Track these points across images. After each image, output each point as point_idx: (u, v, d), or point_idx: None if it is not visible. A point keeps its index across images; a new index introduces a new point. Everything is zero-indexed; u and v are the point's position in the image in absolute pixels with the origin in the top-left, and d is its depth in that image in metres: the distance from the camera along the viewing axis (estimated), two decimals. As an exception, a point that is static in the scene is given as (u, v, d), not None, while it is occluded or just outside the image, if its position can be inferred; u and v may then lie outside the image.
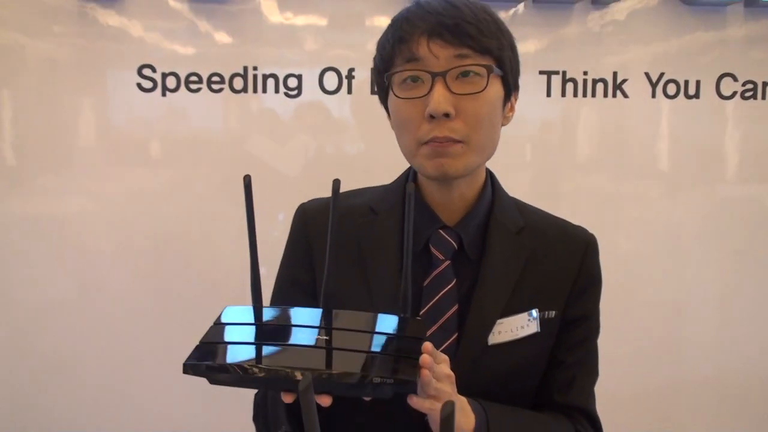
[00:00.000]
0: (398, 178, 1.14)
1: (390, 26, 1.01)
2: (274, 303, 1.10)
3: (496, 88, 0.99)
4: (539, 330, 1.05)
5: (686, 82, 2.32)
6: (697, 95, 2.33)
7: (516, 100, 1.07)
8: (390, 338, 0.85)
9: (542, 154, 2.33)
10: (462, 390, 0.94)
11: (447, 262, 1.05)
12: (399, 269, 1.03)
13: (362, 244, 1.07)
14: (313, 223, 1.09)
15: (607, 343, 2.26)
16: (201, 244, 2.26)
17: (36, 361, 2.25)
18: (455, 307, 1.03)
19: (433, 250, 1.05)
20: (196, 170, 2.23)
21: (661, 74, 2.31)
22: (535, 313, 1.05)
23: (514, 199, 1.14)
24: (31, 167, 2.20)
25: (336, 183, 0.84)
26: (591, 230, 1.15)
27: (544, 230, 1.11)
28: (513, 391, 1.05)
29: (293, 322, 0.86)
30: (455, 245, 1.05)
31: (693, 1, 2.26)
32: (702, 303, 2.45)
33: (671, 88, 2.32)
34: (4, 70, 2.17)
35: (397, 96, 0.99)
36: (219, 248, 2.25)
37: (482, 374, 1.02)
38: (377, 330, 0.86)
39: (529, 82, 2.27)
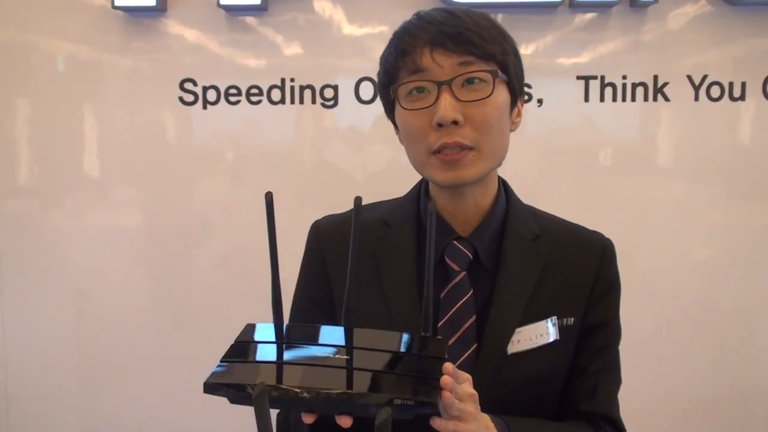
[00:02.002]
0: (411, 190, 1.14)
1: (392, 40, 1.02)
2: (291, 320, 1.11)
3: (502, 94, 1.00)
4: (558, 338, 1.04)
5: (731, 84, 2.25)
6: (742, 97, 2.26)
7: (522, 105, 1.07)
8: (411, 358, 0.85)
9: (581, 159, 2.29)
10: (482, 400, 0.93)
11: (463, 273, 1.04)
12: (415, 281, 1.04)
13: (377, 257, 1.07)
14: (327, 240, 1.11)
15: (684, 349, 2.32)
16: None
17: (112, 363, 2.35)
18: (473, 318, 1.03)
19: (448, 261, 1.05)
20: (271, 181, 2.27)
21: (704, 77, 2.25)
22: (553, 320, 1.04)
23: (529, 206, 1.14)
24: (112, 179, 2.30)
25: (357, 200, 0.84)
26: (629, 235, 1.13)
27: (560, 237, 1.10)
28: (533, 399, 1.04)
29: (314, 340, 0.86)
30: (471, 256, 1.05)
31: (736, 1, 2.20)
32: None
33: (715, 91, 2.26)
34: (86, 85, 2.27)
35: (404, 108, 1.00)
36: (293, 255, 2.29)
37: (502, 384, 1.02)
38: (398, 350, 0.86)
39: (566, 87, 2.25)
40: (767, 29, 2.24)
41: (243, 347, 0.85)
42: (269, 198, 0.82)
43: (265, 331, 0.88)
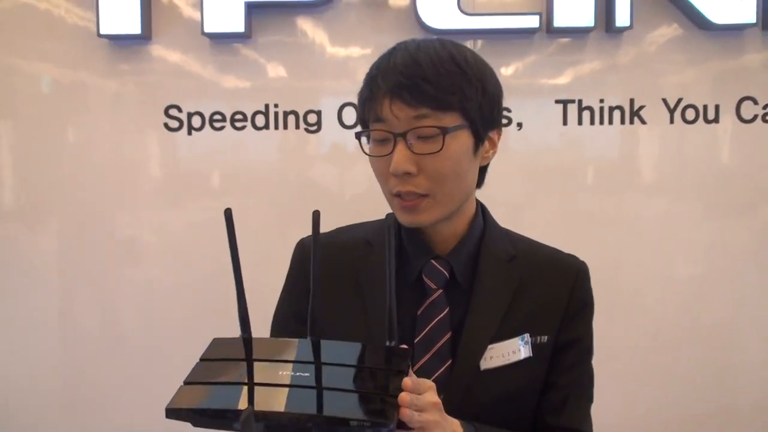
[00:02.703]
0: (393, 212, 1.16)
1: (368, 74, 1.05)
2: (273, 333, 1.14)
3: (458, 141, 1.01)
4: (531, 355, 1.07)
5: (705, 107, 2.31)
6: (716, 120, 2.32)
7: (498, 136, 1.08)
8: (374, 373, 0.86)
9: (561, 181, 2.34)
10: (457, 415, 0.95)
11: (440, 291, 1.08)
12: (394, 301, 1.06)
13: (359, 276, 1.10)
14: (310, 258, 1.13)
15: (667, 365, 2.35)
16: (259, 273, 2.30)
17: (96, 382, 2.35)
18: (448, 335, 1.06)
19: (426, 279, 1.08)
20: (257, 205, 2.30)
21: (679, 100, 2.31)
22: (525, 338, 1.07)
23: (505, 229, 1.17)
24: (96, 203, 2.32)
25: (316, 214, 0.88)
26: (608, 255, 1.16)
27: (535, 259, 1.13)
28: (507, 416, 1.06)
29: (278, 356, 0.87)
30: (447, 274, 1.08)
31: (709, 26, 2.26)
32: (755, 326, 2.41)
33: (690, 113, 2.31)
34: (76, 111, 2.30)
35: (368, 153, 1.05)
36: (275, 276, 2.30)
37: (476, 400, 1.04)
38: (361, 364, 0.87)
39: (545, 111, 2.30)
40: (739, 52, 2.31)
41: (206, 367, 0.86)
42: (228, 214, 0.86)
43: (231, 347, 0.89)
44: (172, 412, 0.79)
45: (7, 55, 2.28)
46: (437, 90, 0.98)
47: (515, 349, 1.06)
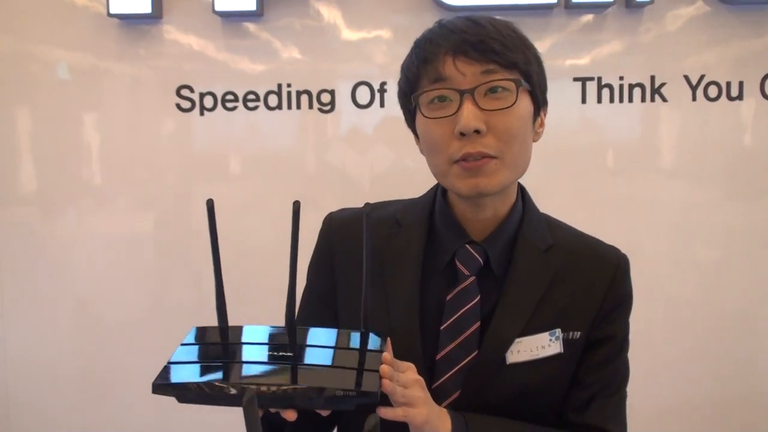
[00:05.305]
0: (427, 192, 1.12)
1: (413, 48, 1.01)
2: (299, 312, 1.11)
3: (525, 103, 0.98)
4: (562, 351, 1.03)
5: (728, 84, 2.25)
6: (740, 97, 2.26)
7: (545, 115, 1.05)
8: (351, 352, 0.88)
9: (579, 161, 2.29)
10: (478, 407, 0.93)
11: (472, 278, 1.03)
12: (417, 286, 1.03)
13: (384, 255, 1.06)
14: (337, 235, 1.10)
15: (686, 351, 2.32)
16: (278, 260, 2.28)
17: (113, 371, 2.34)
18: (477, 324, 1.02)
19: (458, 265, 1.04)
20: (270, 186, 2.28)
21: (702, 76, 2.25)
22: (557, 333, 1.03)
23: (546, 215, 1.12)
24: (111, 186, 2.30)
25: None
26: (628, 237, 1.13)
27: (574, 249, 1.08)
28: (529, 410, 1.02)
29: (258, 340, 0.90)
30: (481, 261, 1.04)
31: (733, 0, 2.20)
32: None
33: (713, 91, 2.25)
34: (84, 92, 2.27)
35: (425, 116, 0.98)
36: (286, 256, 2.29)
37: (500, 392, 1.01)
38: (339, 346, 0.89)
39: (563, 89, 2.24)
40: (764, 28, 2.24)
41: (189, 349, 0.89)
42: (210, 205, 0.87)
43: (210, 334, 0.92)
44: (159, 388, 0.80)
45: (20, 41, 2.25)
46: (503, 47, 0.95)
47: (544, 344, 1.02)
